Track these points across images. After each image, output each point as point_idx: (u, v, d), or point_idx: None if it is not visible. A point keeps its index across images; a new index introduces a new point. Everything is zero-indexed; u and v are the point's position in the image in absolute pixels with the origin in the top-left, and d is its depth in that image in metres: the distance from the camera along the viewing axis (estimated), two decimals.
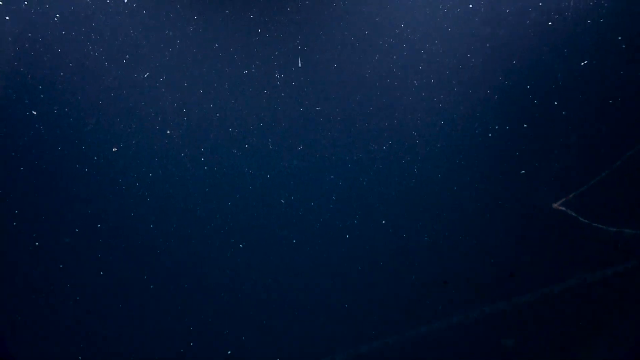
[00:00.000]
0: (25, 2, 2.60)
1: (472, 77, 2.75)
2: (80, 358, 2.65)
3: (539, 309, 2.70)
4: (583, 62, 2.64)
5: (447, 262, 2.76)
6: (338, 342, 2.71)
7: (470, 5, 2.67)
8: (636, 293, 2.69)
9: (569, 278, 2.70)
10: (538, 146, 2.77)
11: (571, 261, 2.73)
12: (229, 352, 2.67)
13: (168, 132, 2.75)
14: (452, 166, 2.78)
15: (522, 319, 2.70)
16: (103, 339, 2.72)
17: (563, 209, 2.64)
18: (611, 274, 2.72)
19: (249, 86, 2.78)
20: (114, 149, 2.56)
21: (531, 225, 2.77)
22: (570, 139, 2.68)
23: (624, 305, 2.71)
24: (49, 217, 2.73)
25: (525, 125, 2.73)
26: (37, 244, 2.71)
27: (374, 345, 2.69)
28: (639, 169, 2.73)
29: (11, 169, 2.64)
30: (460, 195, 2.82)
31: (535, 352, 2.67)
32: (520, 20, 2.69)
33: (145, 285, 2.74)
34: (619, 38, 2.67)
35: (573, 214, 2.66)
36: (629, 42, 2.63)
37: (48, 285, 2.71)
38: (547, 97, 2.72)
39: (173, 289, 2.77)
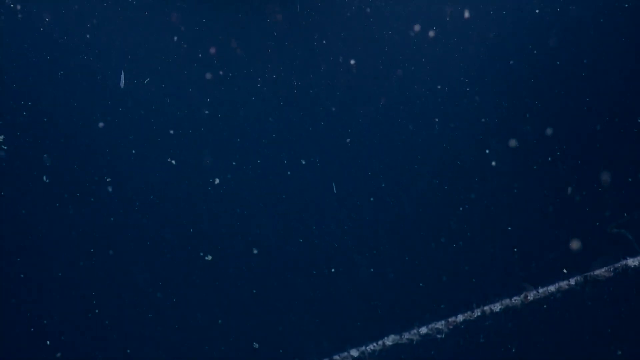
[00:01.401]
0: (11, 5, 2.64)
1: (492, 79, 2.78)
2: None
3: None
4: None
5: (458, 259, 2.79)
6: (345, 340, 2.75)
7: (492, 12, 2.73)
8: None
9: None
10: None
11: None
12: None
13: (171, 132, 2.76)
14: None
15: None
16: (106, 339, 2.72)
17: (621, 231, 2.70)
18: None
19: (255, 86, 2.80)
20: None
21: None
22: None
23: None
24: (49, 217, 2.73)
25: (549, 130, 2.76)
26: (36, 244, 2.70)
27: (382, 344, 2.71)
28: None
29: (12, 169, 2.65)
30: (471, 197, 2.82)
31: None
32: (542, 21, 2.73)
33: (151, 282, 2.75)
34: None
35: (630, 237, 2.72)
36: None
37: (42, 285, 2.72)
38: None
39: (178, 284, 2.78)
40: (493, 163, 2.75)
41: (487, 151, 2.75)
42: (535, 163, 2.78)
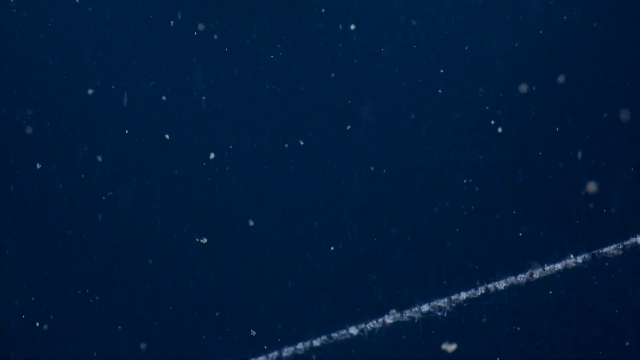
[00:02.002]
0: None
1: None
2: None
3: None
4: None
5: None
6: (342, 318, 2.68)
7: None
8: None
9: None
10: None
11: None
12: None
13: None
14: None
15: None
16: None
17: None
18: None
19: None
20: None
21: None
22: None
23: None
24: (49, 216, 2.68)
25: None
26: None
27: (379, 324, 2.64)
28: None
29: (11, 169, 2.62)
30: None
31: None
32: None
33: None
34: None
35: None
36: None
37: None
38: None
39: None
40: (499, 130, 2.66)
41: (492, 122, 2.67)
42: (544, 135, 2.70)
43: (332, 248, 2.69)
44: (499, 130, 2.66)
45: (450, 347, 2.56)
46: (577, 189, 2.70)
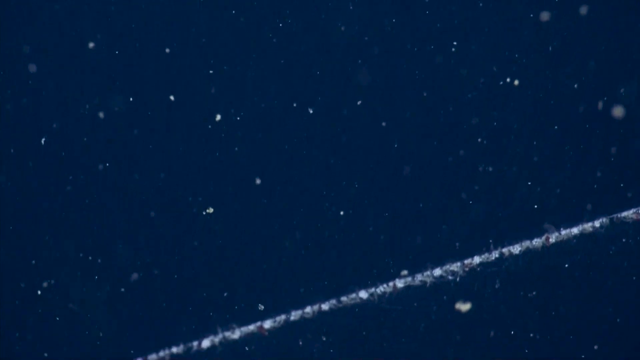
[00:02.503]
0: None
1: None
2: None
3: None
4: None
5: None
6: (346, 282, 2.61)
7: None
8: None
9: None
10: None
11: None
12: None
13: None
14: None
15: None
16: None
17: None
18: None
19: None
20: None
21: None
22: None
23: None
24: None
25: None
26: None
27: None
28: None
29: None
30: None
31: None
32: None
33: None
34: None
35: None
36: None
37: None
38: None
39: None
40: (516, 83, 2.57)
41: (504, 81, 2.58)
42: (560, 93, 2.61)
43: (341, 211, 2.61)
44: (516, 82, 2.58)
45: (464, 307, 2.49)
46: (595, 151, 2.61)
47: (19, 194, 2.61)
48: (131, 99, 2.60)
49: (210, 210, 2.61)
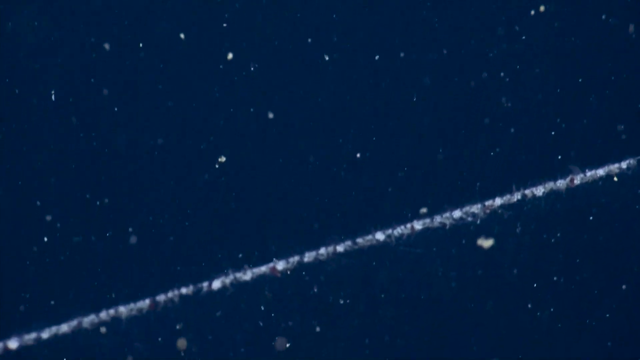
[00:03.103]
0: None
1: None
2: None
3: None
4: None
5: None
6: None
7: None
8: None
9: None
10: None
11: None
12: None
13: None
14: None
15: None
16: None
17: None
18: None
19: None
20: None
21: None
22: None
23: None
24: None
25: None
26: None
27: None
28: None
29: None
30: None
31: None
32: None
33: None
34: None
35: None
36: None
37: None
38: None
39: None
40: (541, 9, 2.48)
41: (530, 13, 2.48)
42: (585, 31, 2.52)
43: (358, 149, 2.52)
44: (541, 9, 2.48)
45: (486, 243, 2.40)
46: (621, 90, 2.52)
47: (26, 136, 2.54)
48: (141, 44, 2.53)
49: (223, 159, 2.53)
